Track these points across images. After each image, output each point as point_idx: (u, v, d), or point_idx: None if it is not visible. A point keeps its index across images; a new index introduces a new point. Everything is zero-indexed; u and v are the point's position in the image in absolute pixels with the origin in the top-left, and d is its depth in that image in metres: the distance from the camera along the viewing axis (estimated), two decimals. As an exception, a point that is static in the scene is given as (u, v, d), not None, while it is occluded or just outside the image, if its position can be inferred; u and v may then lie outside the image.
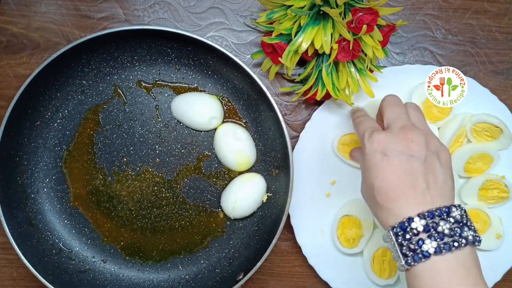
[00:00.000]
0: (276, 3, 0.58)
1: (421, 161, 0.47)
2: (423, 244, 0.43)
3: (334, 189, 0.67)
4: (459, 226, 0.44)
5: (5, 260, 0.66)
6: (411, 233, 0.44)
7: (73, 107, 0.64)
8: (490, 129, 0.64)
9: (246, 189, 0.62)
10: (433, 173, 0.47)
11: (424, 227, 0.44)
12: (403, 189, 0.46)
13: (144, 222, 0.64)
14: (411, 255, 0.44)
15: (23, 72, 0.66)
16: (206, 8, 0.67)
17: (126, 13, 0.67)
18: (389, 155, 0.47)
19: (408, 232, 0.44)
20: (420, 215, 0.44)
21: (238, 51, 0.67)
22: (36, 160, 0.63)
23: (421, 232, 0.44)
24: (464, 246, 0.43)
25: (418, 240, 0.44)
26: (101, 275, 0.63)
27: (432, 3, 0.68)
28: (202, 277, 0.64)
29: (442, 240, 0.43)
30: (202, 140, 0.65)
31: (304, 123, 0.65)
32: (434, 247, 0.43)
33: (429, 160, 0.47)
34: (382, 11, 0.57)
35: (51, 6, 0.66)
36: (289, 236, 0.67)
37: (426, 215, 0.44)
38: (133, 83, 0.65)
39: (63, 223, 0.64)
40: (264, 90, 0.59)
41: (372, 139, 0.49)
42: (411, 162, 0.46)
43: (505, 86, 0.68)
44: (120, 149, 0.64)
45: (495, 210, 0.66)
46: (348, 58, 0.58)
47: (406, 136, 0.48)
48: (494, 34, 0.68)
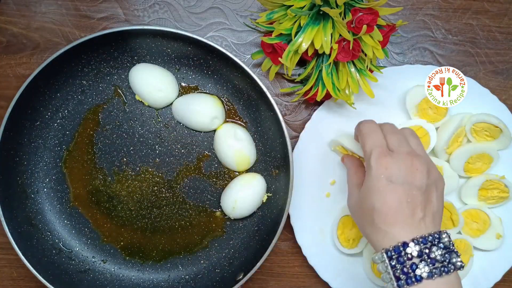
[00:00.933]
0: (276, 3, 0.58)
1: (422, 191, 0.49)
2: (417, 269, 0.46)
3: (334, 189, 0.67)
4: (448, 252, 0.47)
5: (5, 260, 0.66)
6: (405, 257, 0.46)
7: (73, 107, 0.64)
8: (489, 129, 0.64)
9: (246, 189, 0.62)
10: (430, 202, 0.49)
11: (418, 252, 0.46)
12: (402, 216, 0.48)
13: (144, 222, 0.64)
14: (404, 278, 0.46)
15: (23, 72, 0.66)
16: (206, 8, 0.67)
17: (126, 13, 0.67)
18: (394, 182, 0.49)
19: (402, 256, 0.46)
20: (414, 240, 0.46)
21: (238, 51, 0.67)
22: (36, 160, 0.63)
23: (414, 257, 0.46)
24: (453, 271, 0.46)
25: (411, 264, 0.46)
26: (101, 275, 0.63)
27: (432, 3, 0.68)
28: (202, 277, 0.64)
29: (433, 266, 0.46)
30: (202, 140, 0.65)
31: (304, 123, 0.65)
32: (427, 272, 0.45)
33: (428, 189, 0.50)
34: (382, 11, 0.57)
35: (51, 6, 0.66)
36: (289, 236, 0.67)
37: (421, 241, 0.46)
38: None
39: (63, 223, 0.64)
40: (264, 90, 0.59)
41: (380, 163, 0.50)
42: (413, 191, 0.49)
43: (505, 86, 0.68)
44: (120, 149, 0.64)
45: (495, 210, 0.66)
46: (348, 58, 0.58)
47: (412, 163, 0.50)
48: (494, 34, 0.68)
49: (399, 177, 0.49)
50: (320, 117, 0.65)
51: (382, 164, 0.50)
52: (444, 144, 0.64)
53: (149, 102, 0.64)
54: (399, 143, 0.52)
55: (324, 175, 0.66)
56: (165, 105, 0.64)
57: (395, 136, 0.53)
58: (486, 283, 0.65)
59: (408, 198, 0.48)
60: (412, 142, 0.53)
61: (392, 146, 0.52)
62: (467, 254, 0.65)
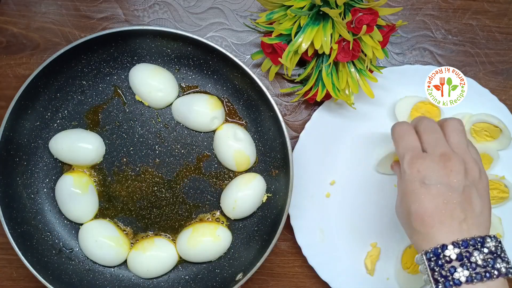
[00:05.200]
0: (276, 3, 0.58)
1: (459, 192, 0.48)
2: (455, 272, 0.44)
3: (334, 189, 0.67)
4: (493, 257, 0.45)
5: (4, 261, 0.66)
6: (443, 259, 0.45)
7: (73, 107, 0.64)
8: (489, 129, 0.64)
9: (246, 189, 0.62)
10: (470, 204, 0.48)
11: (457, 255, 0.45)
12: (439, 217, 0.47)
13: (144, 223, 0.64)
14: (442, 281, 0.45)
15: (23, 72, 0.66)
16: (206, 9, 0.67)
17: (126, 14, 0.67)
18: (428, 184, 0.48)
19: (441, 259, 0.45)
20: (454, 243, 0.45)
21: (238, 52, 0.67)
22: (36, 160, 0.63)
23: (454, 260, 0.45)
24: (496, 277, 0.44)
25: (450, 267, 0.45)
26: (101, 275, 0.63)
27: (432, 3, 0.68)
28: (202, 277, 0.64)
29: (474, 270, 0.44)
30: (202, 140, 0.65)
31: (304, 123, 0.65)
32: (466, 276, 0.44)
33: (467, 190, 0.48)
34: (382, 11, 0.57)
35: (51, 6, 0.66)
36: (289, 236, 0.67)
37: (461, 243, 0.45)
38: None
39: (63, 223, 0.64)
40: (264, 91, 0.59)
41: (412, 166, 0.49)
42: (449, 192, 0.47)
43: (505, 86, 0.68)
44: (120, 149, 0.64)
45: (495, 210, 0.66)
46: (348, 59, 0.58)
47: (445, 164, 0.49)
48: (494, 34, 0.68)
49: (433, 178, 0.48)
50: (320, 117, 0.65)
51: (414, 167, 0.49)
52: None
53: (149, 103, 0.64)
54: (435, 142, 0.51)
55: (324, 175, 0.66)
56: (165, 106, 0.64)
57: (431, 135, 0.52)
58: (486, 283, 0.65)
59: (444, 199, 0.47)
60: (453, 139, 0.51)
61: (427, 146, 0.51)
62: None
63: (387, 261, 0.66)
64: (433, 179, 0.48)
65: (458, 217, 0.47)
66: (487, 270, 0.44)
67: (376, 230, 0.67)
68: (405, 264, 0.64)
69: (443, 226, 0.47)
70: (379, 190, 0.67)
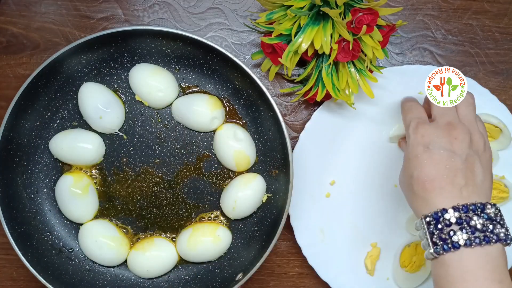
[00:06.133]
0: (276, 3, 0.58)
1: (462, 159, 0.48)
2: (454, 235, 0.45)
3: (334, 189, 0.67)
4: (492, 223, 0.45)
5: (4, 261, 0.66)
6: (443, 223, 0.45)
7: (73, 107, 0.64)
8: (489, 129, 0.64)
9: (246, 189, 0.62)
10: (472, 172, 0.48)
11: (457, 219, 0.45)
12: (440, 183, 0.47)
13: (144, 223, 0.64)
14: (441, 244, 0.45)
15: (22, 72, 0.66)
16: (206, 9, 0.67)
17: (126, 14, 0.67)
18: (431, 148, 0.49)
19: (440, 222, 0.45)
20: (454, 207, 0.46)
21: (238, 52, 0.67)
22: (36, 160, 0.63)
23: (453, 224, 0.45)
24: (495, 242, 0.44)
25: (449, 231, 0.45)
26: (101, 275, 0.63)
27: (432, 3, 0.68)
28: (202, 277, 0.64)
29: (473, 234, 0.44)
30: (202, 140, 0.65)
31: (304, 123, 0.65)
32: (464, 239, 0.44)
33: (470, 159, 0.48)
34: (382, 11, 0.57)
35: (51, 6, 0.66)
36: (289, 236, 0.67)
37: (461, 208, 0.45)
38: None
39: (63, 223, 0.64)
40: (264, 91, 0.59)
41: (417, 131, 0.50)
42: (451, 158, 0.48)
43: (505, 86, 0.68)
44: (120, 149, 0.64)
45: (495, 210, 0.66)
46: (348, 59, 0.58)
47: (450, 132, 0.49)
48: (494, 34, 0.68)
49: (436, 144, 0.49)
50: (320, 118, 0.65)
51: (419, 133, 0.50)
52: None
53: (149, 102, 0.64)
54: (443, 112, 0.52)
55: (324, 175, 0.67)
56: (165, 106, 0.64)
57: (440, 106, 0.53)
58: (486, 283, 0.65)
59: (446, 164, 0.47)
60: (461, 111, 0.52)
61: (435, 115, 0.52)
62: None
63: (387, 261, 0.66)
64: (437, 145, 0.48)
65: (459, 183, 0.47)
66: (486, 235, 0.45)
67: (376, 230, 0.67)
68: (403, 262, 0.64)
69: (444, 191, 0.47)
70: (379, 190, 0.67)
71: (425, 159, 0.49)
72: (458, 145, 0.49)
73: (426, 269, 0.64)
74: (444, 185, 0.47)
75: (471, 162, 0.48)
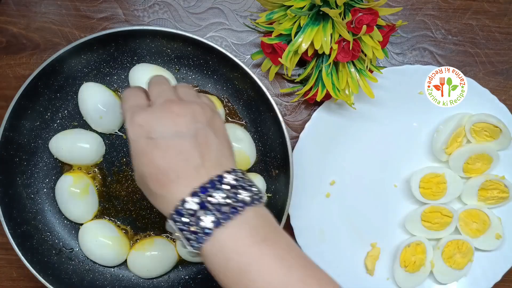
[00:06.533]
0: (276, 3, 0.58)
1: (191, 136, 0.42)
2: (200, 222, 0.39)
3: (334, 189, 0.67)
4: (235, 191, 0.40)
5: (4, 261, 0.66)
6: (188, 215, 0.40)
7: (73, 107, 0.64)
8: (489, 129, 0.64)
9: (246, 189, 0.62)
10: (206, 145, 0.42)
11: (199, 204, 0.40)
12: (175, 171, 0.41)
13: (144, 223, 0.64)
14: (195, 238, 0.40)
15: (22, 72, 0.66)
16: (206, 9, 0.67)
17: (126, 14, 0.67)
18: (155, 137, 0.42)
19: (184, 215, 0.40)
20: (193, 193, 0.40)
21: (238, 52, 0.67)
22: (36, 160, 0.63)
23: (197, 211, 0.40)
24: (243, 208, 0.40)
25: (196, 220, 0.40)
26: (101, 275, 0.63)
27: (432, 3, 0.68)
28: (202, 277, 0.64)
29: (219, 212, 0.39)
30: (202, 140, 0.65)
31: (304, 124, 0.65)
32: (212, 221, 0.39)
33: (201, 133, 0.43)
34: (382, 11, 0.57)
35: (51, 6, 0.66)
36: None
37: (199, 191, 0.40)
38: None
39: (63, 223, 0.64)
40: (264, 91, 0.59)
41: (134, 122, 0.43)
42: (180, 141, 0.42)
43: (505, 86, 0.68)
44: (120, 149, 0.64)
45: (494, 211, 0.66)
46: (348, 59, 0.58)
47: (170, 110, 0.43)
48: (494, 34, 0.68)
49: (158, 129, 0.42)
50: (320, 117, 0.65)
51: (135, 122, 0.43)
52: (443, 144, 0.64)
53: None
54: (159, 93, 0.45)
55: (324, 175, 0.67)
56: None
57: (156, 87, 0.46)
58: (485, 283, 0.65)
59: (176, 151, 0.42)
60: (180, 90, 0.47)
61: (152, 99, 0.45)
62: (466, 258, 0.65)
63: (387, 261, 0.66)
64: (159, 130, 0.42)
65: (195, 164, 0.41)
66: (231, 206, 0.40)
67: (376, 230, 0.67)
68: (403, 262, 0.64)
69: (180, 179, 0.41)
70: (379, 190, 0.67)
71: (150, 151, 0.42)
72: (183, 122, 0.42)
73: (426, 269, 0.64)
74: (180, 173, 0.41)
75: (203, 136, 0.43)
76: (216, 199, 0.40)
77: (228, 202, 0.40)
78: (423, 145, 0.67)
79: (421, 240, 0.65)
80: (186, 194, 0.40)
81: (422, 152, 0.67)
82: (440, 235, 0.65)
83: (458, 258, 0.64)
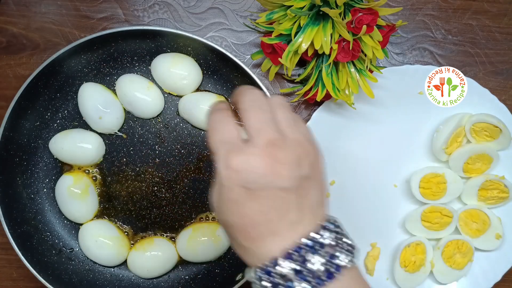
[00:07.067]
0: (276, 3, 0.58)
1: (293, 188, 0.37)
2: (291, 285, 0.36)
3: (334, 189, 0.67)
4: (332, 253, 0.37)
5: (4, 261, 0.66)
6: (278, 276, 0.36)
7: (73, 107, 0.64)
8: (489, 129, 0.64)
9: (246, 189, 0.62)
10: (307, 198, 0.38)
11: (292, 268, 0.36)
12: (268, 227, 0.37)
13: (144, 223, 0.64)
14: None
15: (22, 73, 0.66)
16: (206, 9, 0.67)
17: (126, 14, 0.67)
18: (252, 188, 0.36)
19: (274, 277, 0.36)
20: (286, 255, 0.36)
21: (238, 52, 0.67)
22: (36, 160, 0.63)
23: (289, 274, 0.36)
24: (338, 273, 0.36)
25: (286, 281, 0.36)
26: (101, 275, 0.63)
27: (432, 3, 0.68)
28: (202, 277, 0.64)
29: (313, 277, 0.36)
30: (202, 140, 0.65)
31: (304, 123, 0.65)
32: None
33: (304, 185, 0.38)
34: (382, 11, 0.57)
35: (51, 6, 0.66)
36: (289, 236, 0.67)
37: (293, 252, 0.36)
38: (133, 83, 0.65)
39: (63, 223, 0.64)
40: (264, 91, 0.59)
41: (229, 166, 0.36)
42: (281, 194, 0.37)
43: (505, 86, 0.68)
44: (120, 149, 0.64)
45: (494, 211, 0.66)
46: (348, 59, 0.58)
47: (274, 157, 0.36)
48: (494, 34, 0.68)
49: (258, 179, 0.36)
50: (320, 117, 0.65)
51: (232, 167, 0.36)
52: (443, 144, 0.64)
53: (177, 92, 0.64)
54: (259, 125, 0.38)
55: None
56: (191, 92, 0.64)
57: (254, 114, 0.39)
58: (485, 283, 0.65)
59: (274, 202, 0.37)
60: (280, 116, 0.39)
61: (250, 132, 0.38)
62: (466, 258, 0.65)
63: (387, 261, 0.66)
64: (258, 181, 0.36)
65: (292, 220, 0.37)
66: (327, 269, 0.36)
67: (376, 230, 0.67)
68: (403, 262, 0.64)
69: (274, 236, 0.37)
70: (379, 190, 0.67)
71: (243, 202, 0.36)
72: (286, 171, 0.36)
73: (426, 269, 0.64)
74: (274, 229, 0.37)
75: (305, 188, 0.38)
76: (314, 266, 0.36)
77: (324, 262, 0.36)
78: (423, 145, 0.67)
79: (421, 240, 0.65)
80: (278, 253, 0.36)
81: (422, 152, 0.67)
82: (440, 235, 0.65)
83: (458, 258, 0.64)
